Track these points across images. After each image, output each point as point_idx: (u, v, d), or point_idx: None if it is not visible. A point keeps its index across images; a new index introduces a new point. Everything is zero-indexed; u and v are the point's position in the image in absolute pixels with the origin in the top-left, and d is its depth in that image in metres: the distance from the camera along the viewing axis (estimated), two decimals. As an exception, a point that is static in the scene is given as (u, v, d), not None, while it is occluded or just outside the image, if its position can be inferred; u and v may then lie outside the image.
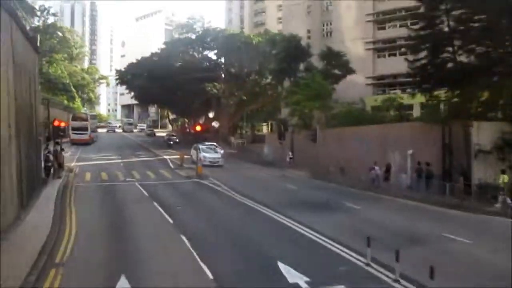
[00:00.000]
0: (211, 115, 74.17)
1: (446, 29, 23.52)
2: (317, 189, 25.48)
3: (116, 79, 65.94)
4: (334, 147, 33.56)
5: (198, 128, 29.47)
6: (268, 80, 61.12)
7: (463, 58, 23.48)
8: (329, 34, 48.31)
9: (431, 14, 24.33)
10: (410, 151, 24.74)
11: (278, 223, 15.70)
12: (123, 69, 64.47)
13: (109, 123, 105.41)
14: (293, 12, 51.64)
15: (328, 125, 36.01)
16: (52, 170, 24.84)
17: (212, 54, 60.05)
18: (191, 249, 11.79)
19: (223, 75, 57.44)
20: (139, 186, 23.72)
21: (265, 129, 75.84)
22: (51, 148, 29.14)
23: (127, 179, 26.64)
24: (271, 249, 12.14)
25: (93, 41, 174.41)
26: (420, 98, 30.25)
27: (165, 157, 41.66)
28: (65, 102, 71.74)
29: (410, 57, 26.10)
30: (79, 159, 37.10)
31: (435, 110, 25.24)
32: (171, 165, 35.27)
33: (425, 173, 22.48)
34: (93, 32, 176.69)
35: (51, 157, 25.18)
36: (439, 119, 23.32)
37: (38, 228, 13.34)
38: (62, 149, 28.38)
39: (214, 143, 43.87)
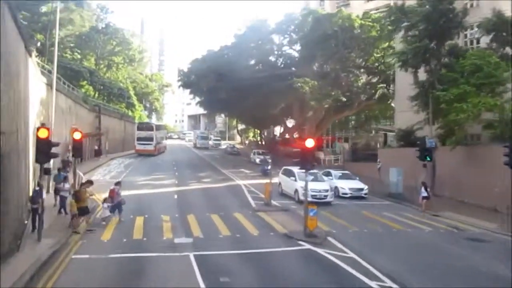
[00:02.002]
0: (289, 124, 61.04)
1: None
2: None
3: (178, 81, 55.21)
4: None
5: (309, 143, 14.91)
6: (363, 80, 46.98)
7: None
8: (472, 4, 32.95)
9: None
10: None
11: None
12: (185, 70, 53.58)
13: (184, 133, 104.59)
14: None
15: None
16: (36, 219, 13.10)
17: (296, 47, 46.76)
18: None
19: (309, 73, 43.87)
20: (196, 269, 10.92)
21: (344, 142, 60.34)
22: (67, 175, 18.15)
23: (176, 240, 13.98)
24: None
25: (161, 52, 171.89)
26: None
27: (239, 182, 29.04)
28: (124, 110, 63.03)
29: None
30: (118, 185, 25.53)
31: None
32: (251, 200, 22.07)
33: None
34: (161, 42, 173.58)
35: (40, 195, 13.34)
36: None
37: None
38: (64, 177, 16.68)
39: (347, 171, 27.59)
